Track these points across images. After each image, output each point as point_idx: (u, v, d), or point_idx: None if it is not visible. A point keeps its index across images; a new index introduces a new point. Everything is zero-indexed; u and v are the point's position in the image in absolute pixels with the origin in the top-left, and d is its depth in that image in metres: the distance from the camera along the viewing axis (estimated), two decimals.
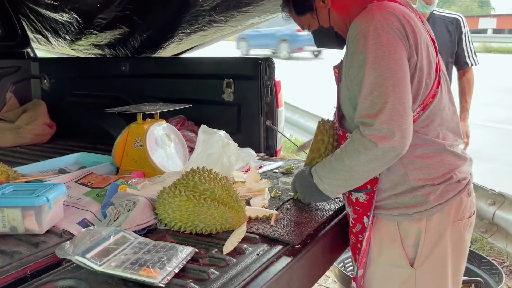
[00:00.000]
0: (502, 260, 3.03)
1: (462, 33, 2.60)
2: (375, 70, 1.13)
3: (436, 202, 1.22)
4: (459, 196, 1.25)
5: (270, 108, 2.21)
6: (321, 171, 1.28)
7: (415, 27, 1.19)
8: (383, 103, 1.10)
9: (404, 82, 1.13)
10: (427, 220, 1.23)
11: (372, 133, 1.11)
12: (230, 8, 2.11)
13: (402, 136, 1.10)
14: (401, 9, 1.21)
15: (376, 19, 1.15)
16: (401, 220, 1.25)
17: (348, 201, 1.33)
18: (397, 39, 1.14)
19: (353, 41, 1.18)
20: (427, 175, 1.23)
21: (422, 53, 1.19)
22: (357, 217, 1.30)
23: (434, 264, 1.26)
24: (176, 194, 1.27)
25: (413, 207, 1.23)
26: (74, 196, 1.48)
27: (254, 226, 1.30)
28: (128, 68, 2.55)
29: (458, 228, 1.27)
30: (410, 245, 1.26)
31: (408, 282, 1.27)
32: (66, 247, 1.06)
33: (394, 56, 1.13)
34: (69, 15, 2.32)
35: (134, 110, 1.80)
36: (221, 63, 2.35)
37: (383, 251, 1.29)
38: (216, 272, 1.04)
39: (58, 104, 2.80)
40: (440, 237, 1.25)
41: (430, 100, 1.23)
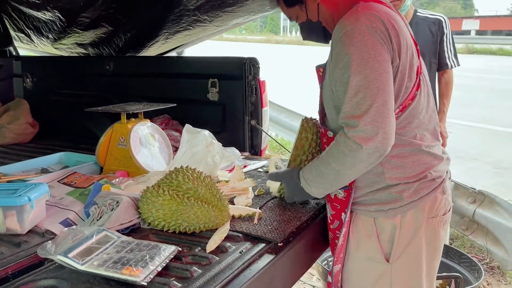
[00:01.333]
0: (483, 257, 3.10)
1: (444, 34, 2.64)
2: (360, 72, 1.15)
3: (410, 199, 1.26)
4: (433, 194, 1.29)
5: (254, 108, 2.22)
6: (308, 175, 1.32)
7: (399, 30, 1.22)
8: (368, 105, 1.13)
9: (388, 84, 1.16)
10: (401, 216, 1.27)
11: (356, 134, 1.14)
12: (215, 8, 2.11)
13: (385, 137, 1.13)
14: (386, 12, 1.23)
15: (361, 21, 1.18)
16: (377, 216, 1.30)
17: (327, 198, 1.37)
18: (381, 42, 1.17)
19: (338, 42, 1.20)
20: (403, 174, 1.27)
21: (404, 57, 1.22)
22: (335, 213, 1.34)
23: (409, 259, 1.30)
24: (160, 193, 1.28)
25: (388, 204, 1.28)
26: (57, 196, 1.47)
27: (237, 225, 1.31)
28: (112, 67, 2.54)
29: (432, 224, 1.30)
30: (386, 240, 1.30)
31: (384, 276, 1.31)
32: (48, 247, 1.05)
33: (378, 59, 1.15)
34: (52, 14, 2.30)
35: (118, 109, 1.79)
36: (206, 62, 2.36)
37: (360, 245, 1.33)
38: (198, 270, 1.05)
39: (41, 103, 2.76)
40: (414, 233, 1.28)
41: (409, 102, 1.26)
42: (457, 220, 3.29)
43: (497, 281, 2.90)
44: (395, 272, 1.30)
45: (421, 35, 2.62)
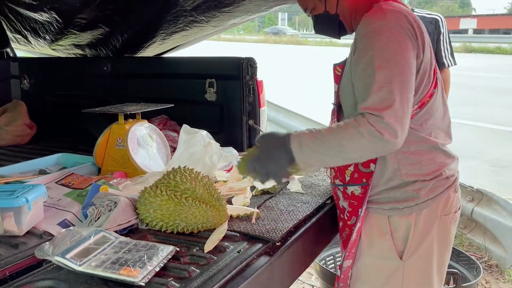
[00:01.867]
0: (481, 256, 3.10)
1: (440, 33, 2.65)
2: (386, 67, 1.16)
3: (426, 197, 1.28)
4: (447, 192, 1.31)
5: (252, 108, 2.22)
6: (307, 140, 1.18)
7: (422, 28, 1.24)
8: (392, 99, 1.12)
9: (411, 80, 1.18)
10: (416, 214, 1.29)
11: (379, 124, 1.10)
12: (211, 8, 2.11)
13: (402, 133, 1.13)
14: (408, 10, 1.26)
15: (389, 18, 1.19)
16: (391, 214, 1.31)
17: (343, 195, 1.37)
18: (408, 39, 1.18)
19: (364, 38, 1.21)
20: (419, 171, 1.28)
21: (426, 54, 1.24)
22: (353, 210, 1.35)
23: (422, 256, 1.31)
24: (158, 193, 1.28)
25: (404, 202, 1.28)
26: (55, 197, 1.47)
27: (235, 225, 1.32)
28: (109, 68, 2.54)
29: (445, 222, 1.32)
30: (400, 238, 1.31)
31: (396, 273, 1.32)
32: (46, 248, 1.05)
33: (404, 55, 1.17)
34: (48, 15, 2.29)
35: (115, 110, 1.79)
36: (203, 63, 2.36)
37: (373, 243, 1.34)
38: (196, 270, 1.05)
39: (38, 104, 2.76)
40: (428, 231, 1.30)
41: (427, 99, 1.27)
42: None
43: (495, 279, 2.90)
44: (408, 269, 1.31)
45: None
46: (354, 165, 1.31)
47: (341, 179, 1.37)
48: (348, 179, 1.34)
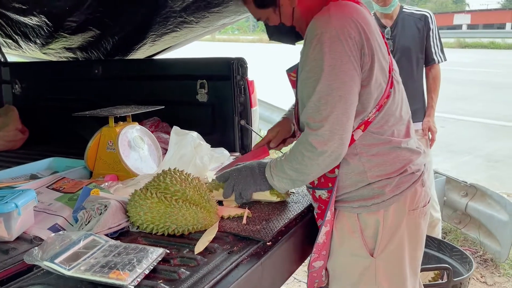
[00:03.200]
0: (476, 250, 3.12)
1: (430, 29, 2.66)
2: (325, 79, 1.17)
3: (392, 194, 1.29)
4: (414, 187, 1.31)
5: (244, 108, 2.22)
6: (274, 169, 1.35)
7: (371, 32, 1.23)
8: (328, 112, 1.17)
9: (351, 93, 1.18)
10: (384, 211, 1.29)
11: (314, 137, 1.19)
12: (201, 9, 2.11)
13: (341, 143, 1.19)
14: (357, 10, 1.24)
15: (332, 25, 1.18)
16: (360, 212, 1.31)
17: (313, 198, 1.38)
18: (351, 49, 1.17)
19: (308, 45, 1.21)
20: (384, 171, 1.29)
21: (377, 58, 1.23)
22: (321, 212, 1.36)
23: (392, 252, 1.32)
24: (148, 196, 1.28)
25: (371, 199, 1.29)
26: (46, 202, 1.47)
27: (226, 225, 1.32)
28: (101, 71, 2.53)
29: (413, 217, 1.33)
30: (370, 236, 1.32)
31: (369, 270, 1.33)
32: (35, 253, 1.05)
33: (345, 67, 1.17)
34: (38, 19, 2.28)
35: (105, 113, 1.79)
36: (194, 64, 2.36)
37: (344, 241, 1.35)
38: (186, 272, 1.05)
39: (30, 109, 2.75)
40: (397, 226, 1.31)
41: (384, 100, 1.28)
42: (450, 214, 3.31)
43: (490, 273, 2.92)
44: (379, 265, 1.32)
45: (407, 31, 2.64)
46: None
47: (310, 182, 1.37)
48: (316, 183, 1.34)
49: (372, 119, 1.26)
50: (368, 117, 1.25)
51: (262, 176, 1.37)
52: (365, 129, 1.26)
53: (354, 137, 1.26)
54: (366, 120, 1.26)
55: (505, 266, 2.96)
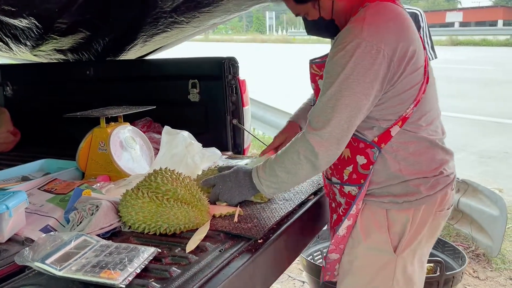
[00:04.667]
0: (468, 245, 3.15)
1: (420, 28, 2.68)
2: (338, 85, 1.19)
3: (426, 193, 1.29)
4: (446, 189, 1.32)
5: (236, 107, 2.23)
6: (262, 173, 1.34)
7: (405, 36, 1.21)
8: (332, 116, 1.19)
9: (358, 104, 1.19)
10: (415, 209, 1.29)
11: (313, 137, 1.21)
12: (191, 9, 2.11)
13: (337, 147, 1.22)
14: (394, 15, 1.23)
15: (362, 37, 1.17)
16: (390, 208, 1.31)
17: (340, 192, 1.38)
18: (375, 62, 1.17)
19: (335, 48, 1.21)
20: (419, 170, 1.29)
21: (412, 63, 1.23)
22: (348, 207, 1.35)
23: (413, 251, 1.33)
24: (139, 195, 1.28)
25: (404, 196, 1.29)
26: (37, 203, 1.46)
27: (217, 224, 1.32)
28: (92, 72, 2.53)
29: (438, 218, 1.34)
30: (396, 232, 1.32)
31: (388, 266, 1.33)
32: (26, 254, 1.05)
33: (361, 79, 1.17)
34: (28, 21, 2.27)
35: (96, 114, 1.79)
36: (185, 63, 2.36)
37: (370, 236, 1.35)
38: (178, 270, 1.06)
39: (22, 111, 2.74)
40: (422, 226, 1.31)
41: (421, 96, 1.27)
42: None
43: (483, 268, 2.94)
44: (400, 262, 1.33)
45: None
46: (353, 166, 1.32)
47: (338, 177, 1.36)
48: (346, 178, 1.34)
49: (409, 115, 1.26)
50: (405, 113, 1.26)
51: (248, 183, 1.37)
52: (402, 125, 1.26)
53: (392, 133, 1.27)
54: (403, 116, 1.26)
55: (497, 261, 2.99)
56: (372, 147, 1.28)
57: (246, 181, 1.37)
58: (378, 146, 1.28)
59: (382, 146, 1.28)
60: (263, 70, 12.53)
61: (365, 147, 1.28)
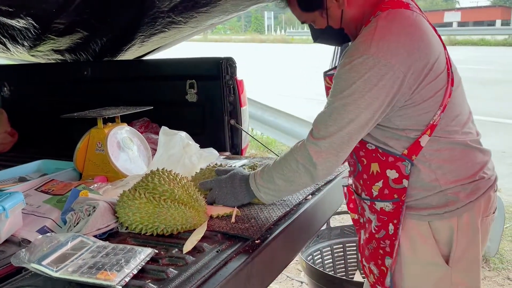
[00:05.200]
0: None
1: None
2: (343, 99, 1.16)
3: (467, 200, 1.23)
4: (488, 193, 1.26)
5: (233, 107, 2.23)
6: (259, 179, 1.33)
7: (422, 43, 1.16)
8: (334, 129, 1.18)
9: (363, 119, 1.16)
10: (458, 218, 1.23)
11: (312, 147, 1.20)
12: (188, 9, 2.11)
13: (336, 160, 1.20)
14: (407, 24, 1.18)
15: (370, 53, 1.12)
16: (431, 220, 1.25)
17: (370, 209, 1.32)
18: (383, 81, 1.13)
19: (343, 62, 1.18)
20: (457, 177, 1.23)
21: (432, 72, 1.18)
22: (382, 224, 1.29)
23: (470, 261, 1.26)
24: (136, 196, 1.28)
25: (444, 207, 1.23)
26: (34, 204, 1.46)
27: (215, 224, 1.32)
28: (90, 73, 2.53)
29: (486, 223, 1.28)
30: (444, 242, 1.25)
31: (444, 279, 1.26)
32: (22, 255, 1.05)
33: (367, 95, 1.14)
34: (25, 21, 2.27)
35: (93, 114, 1.79)
36: (183, 64, 2.36)
37: (417, 250, 1.27)
38: (174, 271, 1.05)
39: (19, 112, 2.73)
40: (474, 234, 1.25)
41: (447, 100, 1.22)
42: None
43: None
44: (456, 275, 1.25)
45: None
46: (383, 181, 1.26)
47: (367, 193, 1.31)
48: (376, 194, 1.28)
49: (437, 122, 1.20)
50: (433, 120, 1.20)
51: (243, 189, 1.36)
52: (431, 133, 1.21)
53: (421, 143, 1.20)
54: (431, 123, 1.20)
55: (495, 261, 2.99)
56: (403, 160, 1.22)
57: (242, 187, 1.36)
58: (409, 159, 1.21)
59: (413, 158, 1.21)
60: (261, 70, 12.54)
61: (395, 160, 1.23)
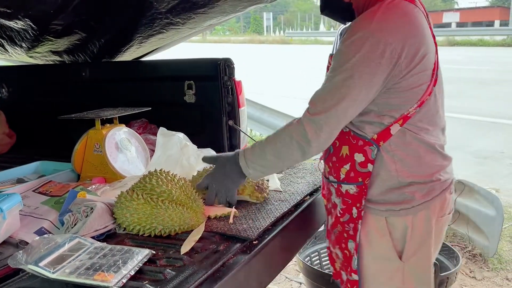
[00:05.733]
0: (465, 245, 3.15)
1: None
2: (342, 75, 1.18)
3: (422, 200, 1.27)
4: (443, 194, 1.30)
5: (232, 108, 2.22)
6: (249, 154, 1.31)
7: (417, 35, 1.20)
8: (331, 104, 1.19)
9: (358, 96, 1.19)
10: (412, 216, 1.28)
11: (308, 123, 1.21)
12: (186, 10, 2.11)
13: (329, 136, 1.22)
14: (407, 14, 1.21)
15: (371, 30, 1.16)
16: (388, 215, 1.29)
17: (336, 192, 1.36)
18: (380, 56, 1.15)
19: (345, 39, 1.21)
20: (415, 173, 1.28)
21: (422, 64, 1.21)
22: (346, 207, 1.34)
23: (421, 259, 1.31)
24: (134, 197, 1.28)
25: (400, 204, 1.28)
26: (32, 205, 1.46)
27: (212, 225, 1.32)
28: (88, 74, 2.52)
29: (440, 224, 1.33)
30: (398, 238, 1.30)
31: (397, 274, 1.31)
32: (19, 257, 1.05)
33: (365, 71, 1.16)
34: (23, 22, 2.27)
35: (91, 115, 1.79)
36: (181, 65, 2.35)
37: (373, 244, 1.32)
38: (172, 272, 1.06)
39: (17, 113, 2.73)
40: (428, 233, 1.29)
41: (426, 97, 1.25)
42: None
43: (479, 268, 2.95)
44: (408, 270, 1.31)
45: None
46: (351, 164, 1.30)
47: (335, 176, 1.35)
48: (343, 177, 1.32)
49: (412, 114, 1.24)
50: (408, 112, 1.24)
51: (234, 169, 1.33)
52: (403, 123, 1.24)
53: (391, 131, 1.25)
54: (405, 114, 1.24)
55: (493, 261, 2.99)
56: (370, 144, 1.26)
57: (233, 168, 1.33)
58: (377, 144, 1.26)
59: (381, 144, 1.26)
60: (260, 71, 12.54)
61: (364, 144, 1.27)
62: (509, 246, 3.22)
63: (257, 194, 1.50)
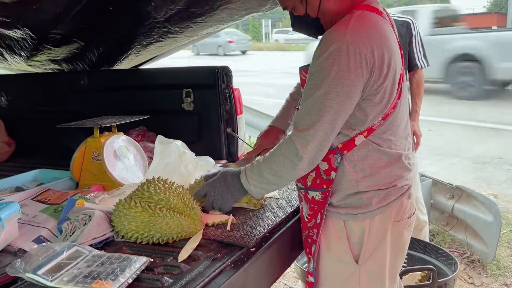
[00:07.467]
0: (463, 251, 3.15)
1: (412, 36, 2.70)
2: (323, 88, 1.20)
3: (378, 205, 1.31)
4: (400, 199, 1.34)
5: (230, 116, 2.24)
6: (250, 173, 1.35)
7: (386, 47, 1.22)
8: (317, 119, 1.21)
9: (342, 107, 1.21)
10: (370, 220, 1.32)
11: (297, 139, 1.23)
12: (184, 19, 2.13)
13: (319, 149, 1.23)
14: (377, 25, 1.24)
15: (345, 40, 1.17)
16: (347, 219, 1.34)
17: (305, 198, 1.39)
18: (357, 66, 1.18)
19: (319, 51, 1.22)
20: (374, 183, 1.32)
21: (390, 75, 1.24)
22: (313, 213, 1.37)
23: (376, 261, 1.35)
24: (132, 205, 1.29)
25: (358, 208, 1.32)
26: (30, 214, 1.47)
27: (210, 233, 1.33)
28: (87, 82, 2.54)
29: (397, 228, 1.36)
30: (355, 242, 1.34)
31: (353, 277, 1.36)
32: (17, 265, 1.05)
33: (345, 82, 1.18)
34: (22, 32, 2.29)
35: (90, 123, 1.80)
36: (179, 73, 2.38)
37: (331, 247, 1.37)
38: (170, 280, 1.06)
39: (16, 121, 2.74)
40: (382, 236, 1.34)
41: (391, 110, 1.29)
42: (437, 216, 3.35)
43: (478, 274, 2.95)
44: (363, 272, 1.35)
45: None
46: (316, 172, 1.34)
47: (303, 183, 1.39)
48: (309, 184, 1.36)
49: (376, 127, 1.28)
50: (373, 124, 1.28)
51: (236, 184, 1.37)
52: (368, 135, 1.28)
53: (356, 142, 1.29)
54: (370, 127, 1.28)
55: (492, 267, 2.99)
56: (335, 153, 1.30)
57: (235, 182, 1.37)
58: (341, 153, 1.30)
59: (345, 153, 1.30)
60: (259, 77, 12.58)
61: (329, 153, 1.29)
62: (508, 251, 3.23)
63: (255, 201, 1.51)
